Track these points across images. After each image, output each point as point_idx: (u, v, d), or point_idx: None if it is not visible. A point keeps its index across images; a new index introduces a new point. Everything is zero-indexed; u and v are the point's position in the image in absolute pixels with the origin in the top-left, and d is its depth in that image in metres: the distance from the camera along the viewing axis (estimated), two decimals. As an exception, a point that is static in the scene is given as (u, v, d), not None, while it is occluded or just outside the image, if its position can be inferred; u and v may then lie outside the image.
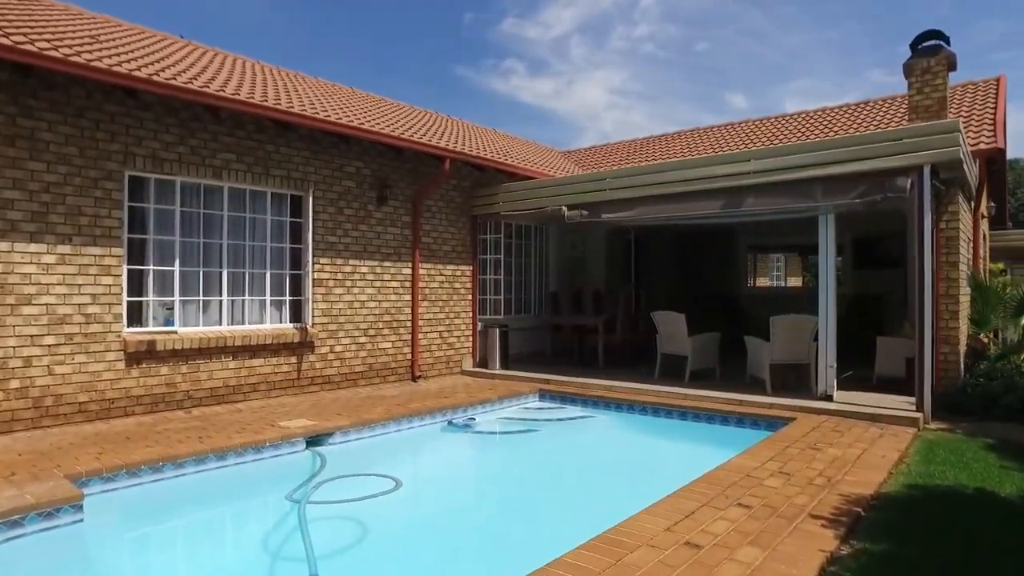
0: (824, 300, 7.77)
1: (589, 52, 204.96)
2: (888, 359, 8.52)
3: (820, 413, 7.28)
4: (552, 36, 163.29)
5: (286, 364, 8.42)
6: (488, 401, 8.44)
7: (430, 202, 10.39)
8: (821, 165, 7.52)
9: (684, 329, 9.21)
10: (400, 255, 9.90)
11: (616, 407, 8.43)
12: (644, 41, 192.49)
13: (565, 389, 9.13)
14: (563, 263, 13.40)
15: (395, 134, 8.98)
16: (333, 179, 8.97)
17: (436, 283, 10.52)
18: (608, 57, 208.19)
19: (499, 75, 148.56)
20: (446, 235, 10.68)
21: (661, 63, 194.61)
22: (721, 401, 7.93)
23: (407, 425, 7.33)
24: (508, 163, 10.91)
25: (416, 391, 9.07)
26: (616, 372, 10.15)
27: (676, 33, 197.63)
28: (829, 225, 7.76)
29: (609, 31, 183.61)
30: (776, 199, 7.89)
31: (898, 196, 7.08)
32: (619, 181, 9.18)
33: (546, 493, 5.73)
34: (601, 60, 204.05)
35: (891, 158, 7.08)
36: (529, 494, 5.74)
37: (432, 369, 10.48)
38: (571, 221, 9.68)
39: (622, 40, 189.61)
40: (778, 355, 8.29)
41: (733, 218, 8.93)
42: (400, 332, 9.92)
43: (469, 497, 5.73)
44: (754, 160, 7.98)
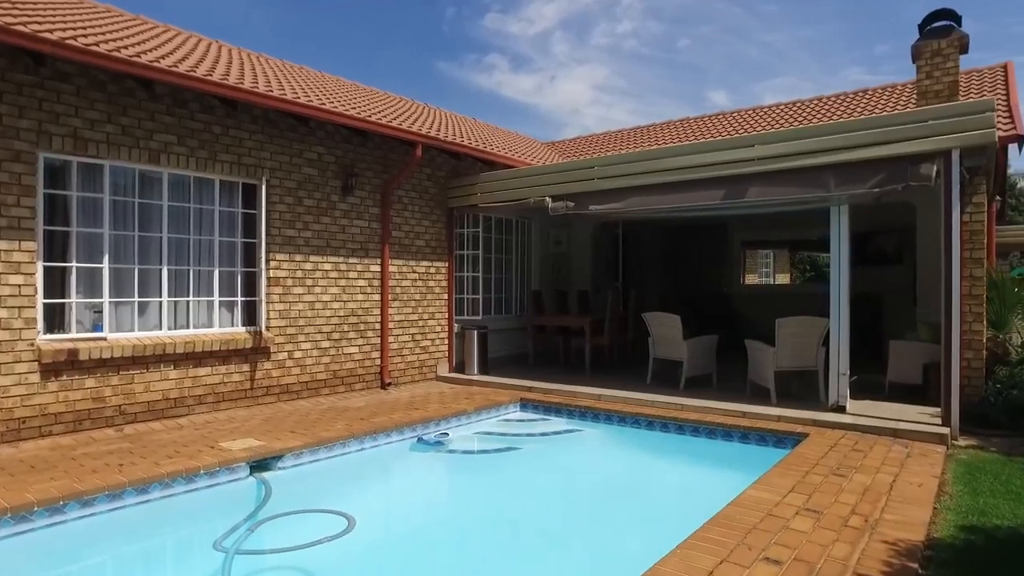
0: (836, 300, 7.01)
1: (571, 48, 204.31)
2: (902, 364, 7.78)
3: (835, 427, 6.52)
4: (534, 32, 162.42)
5: (237, 373, 7.50)
6: (463, 413, 7.59)
7: (401, 193, 9.51)
8: (834, 151, 6.75)
9: (679, 332, 8.42)
10: (368, 250, 9.01)
11: (606, 419, 7.61)
12: (627, 38, 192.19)
13: (549, 398, 8.30)
14: (547, 259, 12.57)
15: (359, 116, 8.07)
16: (291, 166, 8.05)
17: (408, 281, 9.64)
18: (590, 53, 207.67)
19: (481, 70, 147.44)
20: (419, 229, 9.80)
21: (643, 60, 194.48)
22: (723, 413, 7.14)
23: (370, 443, 6.46)
24: (487, 151, 10.05)
25: (384, 401, 8.20)
26: (604, 378, 9.34)
27: (658, 30, 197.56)
28: (842, 217, 6.99)
29: (591, 27, 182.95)
30: (783, 188, 7.10)
31: (921, 185, 6.32)
32: (609, 169, 8.35)
33: (528, 532, 4.89)
34: (584, 56, 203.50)
35: (915, 142, 6.31)
36: (508, 534, 4.90)
37: (404, 375, 9.61)
38: (556, 213, 8.85)
39: (605, 36, 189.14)
40: (784, 361, 7.52)
41: (735, 210, 8.16)
42: (368, 335, 9.03)
43: (436, 537, 4.88)
44: (759, 145, 7.19)
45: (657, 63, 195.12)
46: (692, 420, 7.00)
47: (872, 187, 6.56)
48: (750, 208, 7.93)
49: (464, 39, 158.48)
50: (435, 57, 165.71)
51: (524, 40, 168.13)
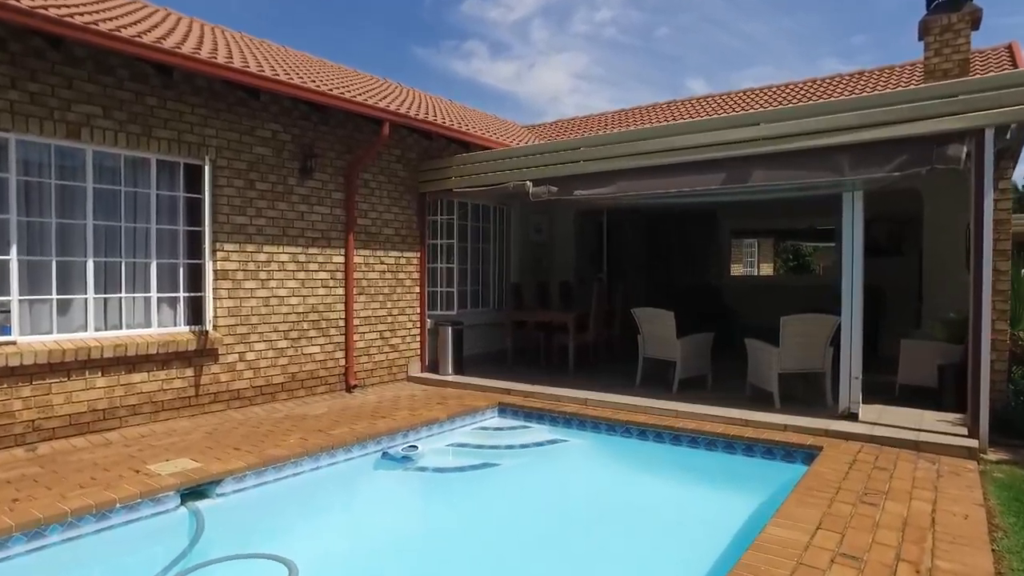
0: (848, 296, 6.32)
1: (551, 35, 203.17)
2: (915, 366, 7.14)
3: (849, 439, 5.84)
4: (514, 18, 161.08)
5: (180, 378, 6.64)
6: (435, 421, 6.80)
7: (367, 176, 8.65)
8: (849, 130, 6.03)
9: (673, 330, 7.70)
10: (330, 240, 8.16)
11: (593, 427, 6.87)
12: (606, 25, 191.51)
13: (530, 403, 7.55)
14: (527, 249, 11.79)
15: (316, 88, 7.19)
16: (242, 145, 7.16)
17: (376, 273, 8.80)
18: (570, 41, 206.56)
19: (460, 57, 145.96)
20: (388, 216, 8.96)
21: (623, 48, 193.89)
22: (723, 421, 6.45)
23: (327, 461, 5.66)
24: (462, 130, 9.21)
25: (348, 407, 7.38)
26: (590, 378, 8.61)
27: (638, 18, 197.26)
28: (856, 205, 6.29)
29: (571, 14, 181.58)
30: (791, 172, 6.38)
31: (949, 168, 5.63)
32: (596, 151, 7.57)
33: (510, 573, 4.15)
34: (563, 44, 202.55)
35: (943, 120, 5.61)
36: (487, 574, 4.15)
37: (371, 376, 8.79)
38: (538, 199, 8.06)
39: (584, 24, 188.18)
40: (789, 362, 6.83)
41: (735, 196, 7.43)
42: (331, 333, 8.19)
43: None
44: (765, 123, 6.45)
45: (636, 51, 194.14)
46: (689, 429, 6.28)
47: (892, 171, 5.86)
48: (753, 194, 7.22)
49: (443, 25, 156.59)
50: (413, 43, 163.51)
51: (503, 27, 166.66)
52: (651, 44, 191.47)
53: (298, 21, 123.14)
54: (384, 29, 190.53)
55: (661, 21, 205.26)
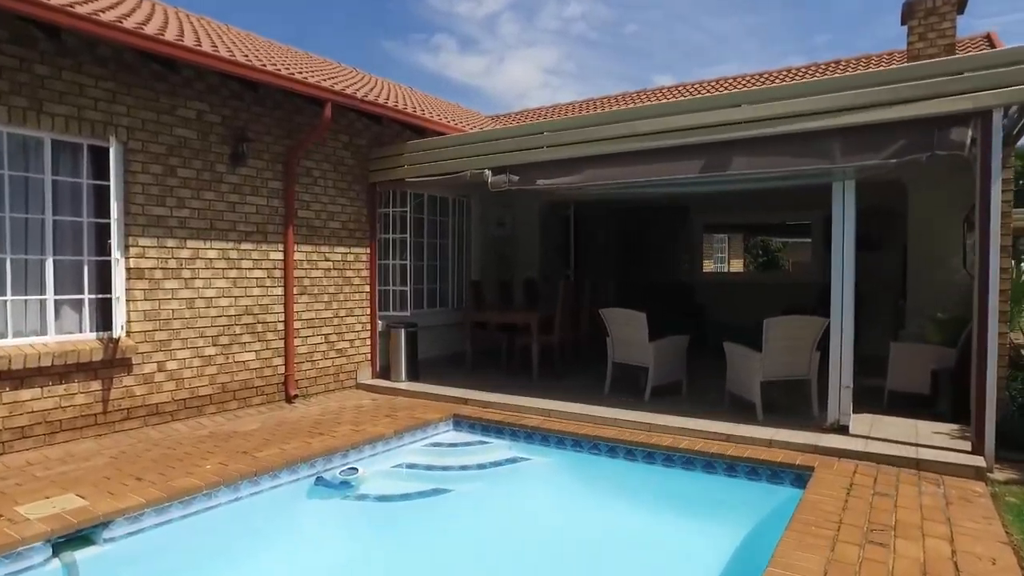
0: (839, 296, 5.71)
1: (520, 30, 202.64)
2: (906, 371, 6.59)
3: (841, 455, 5.23)
4: (483, 13, 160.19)
5: (83, 393, 5.77)
6: (380, 438, 6.04)
7: (310, 164, 7.82)
8: (840, 112, 5.41)
9: (644, 333, 7.03)
10: (266, 234, 7.32)
11: (557, 443, 6.18)
12: (575, 21, 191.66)
13: (488, 414, 6.82)
14: (488, 244, 11.05)
15: (243, 62, 6.34)
16: (160, 126, 6.29)
17: (320, 271, 7.99)
18: (539, 36, 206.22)
19: (428, 50, 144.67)
20: (334, 208, 8.14)
21: (592, 43, 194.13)
22: (701, 436, 5.80)
23: (249, 490, 4.86)
24: (414, 114, 8.42)
25: (285, 421, 6.57)
26: (555, 385, 7.92)
27: (607, 14, 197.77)
28: (848, 195, 5.68)
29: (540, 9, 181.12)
30: (776, 159, 5.74)
31: (952, 154, 5.04)
32: (561, 135, 6.86)
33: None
34: (532, 39, 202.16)
35: (946, 100, 5.01)
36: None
37: (316, 384, 7.98)
38: (497, 189, 7.32)
39: (553, 19, 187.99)
40: (773, 369, 6.21)
41: (713, 185, 6.79)
42: (268, 338, 7.37)
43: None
44: (747, 105, 5.80)
45: (605, 47, 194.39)
46: (664, 446, 5.61)
47: (888, 158, 5.25)
48: (732, 183, 6.58)
49: (410, 18, 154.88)
50: (380, 35, 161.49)
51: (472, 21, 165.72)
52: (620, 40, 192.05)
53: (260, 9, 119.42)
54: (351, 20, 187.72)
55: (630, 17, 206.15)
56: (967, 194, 7.57)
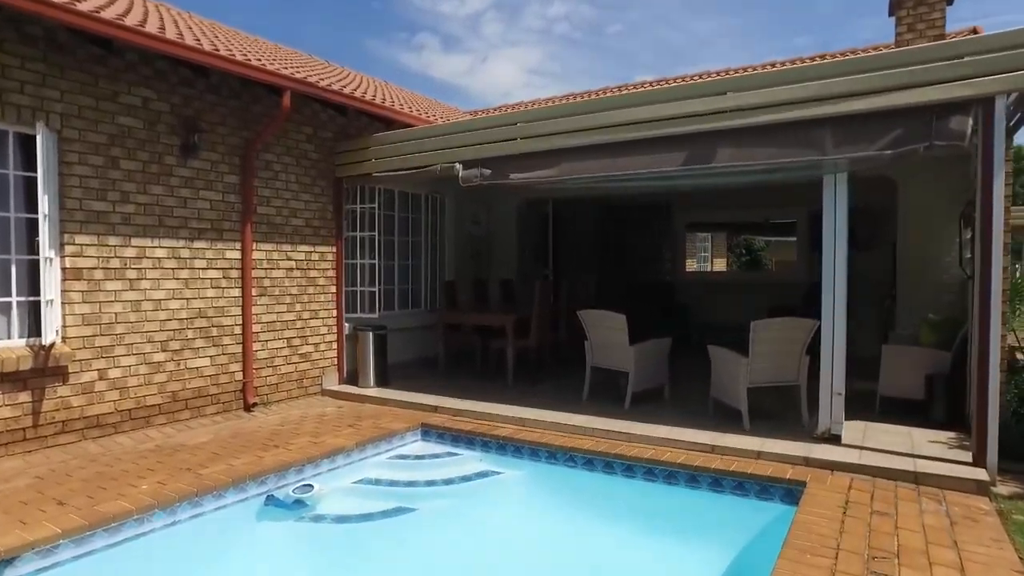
0: (830, 297, 5.36)
1: (503, 29, 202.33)
2: (898, 375, 6.26)
3: (834, 468, 4.87)
4: (466, 12, 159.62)
5: (9, 406, 5.26)
6: (341, 451, 5.60)
7: (270, 157, 7.35)
8: (832, 99, 5.05)
9: (624, 336, 6.65)
10: (222, 232, 6.85)
11: (532, 454, 5.77)
12: (559, 21, 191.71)
13: (458, 423, 6.40)
14: (464, 243, 10.61)
15: (190, 44, 5.85)
16: (99, 113, 5.80)
17: (281, 271, 7.52)
18: (522, 35, 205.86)
19: (411, 49, 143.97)
20: (296, 204, 7.67)
21: (575, 43, 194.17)
22: (684, 446, 5.42)
23: (189, 512, 4.40)
24: (381, 105, 7.97)
25: (240, 432, 6.11)
26: (531, 391, 7.52)
27: (590, 14, 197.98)
28: (840, 189, 5.32)
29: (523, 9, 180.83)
30: (763, 150, 5.37)
31: (951, 145, 4.70)
32: (536, 126, 6.45)
33: None
34: (515, 38, 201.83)
35: (945, 86, 4.66)
36: None
37: (278, 391, 7.51)
38: (468, 184, 6.90)
39: (536, 19, 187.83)
40: (760, 374, 5.84)
41: (697, 179, 6.40)
42: (224, 343, 6.89)
43: None
44: (732, 93, 5.43)
45: (588, 47, 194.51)
46: (645, 459, 5.22)
47: (883, 149, 4.90)
48: (717, 177, 6.20)
49: (394, 17, 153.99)
50: (363, 34, 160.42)
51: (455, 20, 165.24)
52: (602, 40, 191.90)
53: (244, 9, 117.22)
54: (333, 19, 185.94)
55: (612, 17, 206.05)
56: (961, 189, 7.31)
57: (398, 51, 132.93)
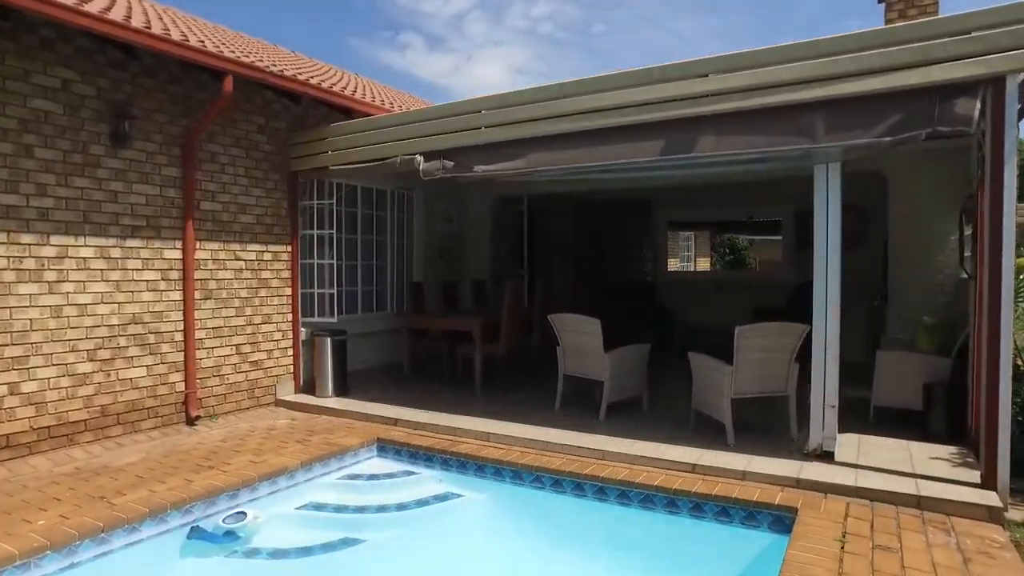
0: (822, 300, 4.88)
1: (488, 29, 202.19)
2: (894, 383, 5.79)
3: (828, 491, 4.38)
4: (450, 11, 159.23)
5: (-98, 425, 4.65)
6: (283, 472, 5.03)
7: (216, 149, 6.76)
8: (824, 81, 4.55)
9: (599, 341, 6.13)
10: (159, 229, 6.25)
11: (495, 474, 5.23)
12: (543, 20, 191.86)
13: (418, 438, 5.85)
14: (434, 242, 10.05)
15: (112, 19, 5.22)
16: (7, 95, 5.17)
17: (229, 272, 6.93)
18: (506, 35, 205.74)
19: (395, 48, 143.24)
20: (246, 200, 7.08)
21: (559, 43, 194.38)
22: (663, 466, 4.90)
23: (93, 551, 3.82)
24: (338, 93, 7.39)
25: (175, 451, 5.52)
26: (500, 401, 6.99)
27: (574, 14, 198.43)
28: (832, 180, 4.83)
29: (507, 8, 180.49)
30: (748, 138, 4.86)
31: (956, 131, 4.21)
32: (502, 113, 5.92)
33: None
34: (500, 38, 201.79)
35: (950, 65, 4.18)
36: None
37: (226, 402, 6.92)
38: (430, 177, 6.35)
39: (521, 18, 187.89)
40: (745, 385, 5.34)
41: (677, 169, 5.90)
42: (162, 350, 6.29)
43: None
44: (714, 75, 4.92)
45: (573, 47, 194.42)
46: (619, 480, 4.69)
47: (881, 135, 4.41)
48: (698, 167, 5.70)
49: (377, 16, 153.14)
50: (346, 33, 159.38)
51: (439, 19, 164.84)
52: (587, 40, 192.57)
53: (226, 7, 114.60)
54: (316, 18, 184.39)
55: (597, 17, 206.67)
56: (956, 183, 6.87)
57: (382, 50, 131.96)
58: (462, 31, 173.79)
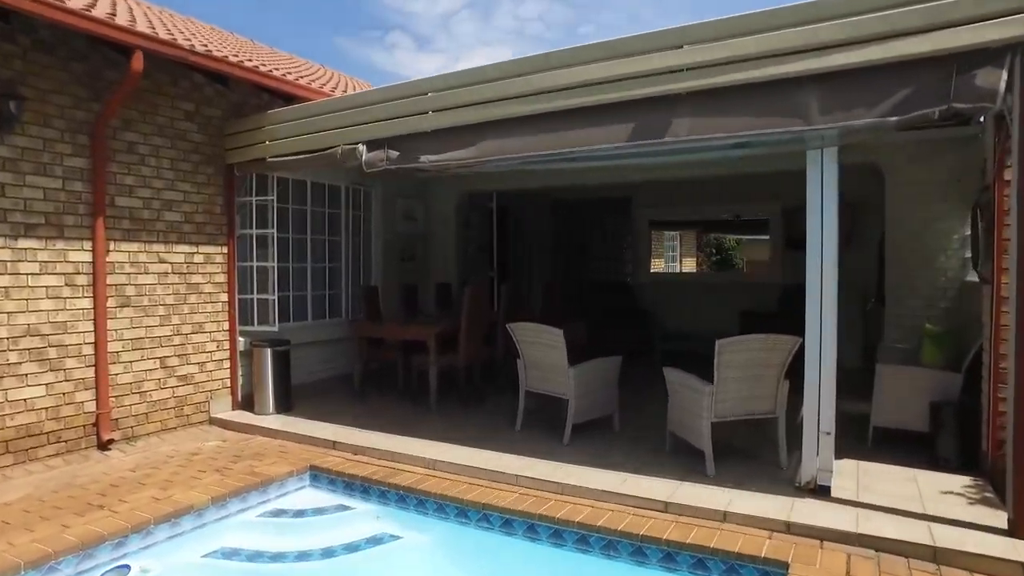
0: (816, 306, 4.18)
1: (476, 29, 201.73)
2: (897, 401, 5.10)
3: (824, 538, 3.67)
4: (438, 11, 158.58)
5: None
6: (190, 510, 4.28)
7: (134, 138, 5.99)
8: (818, 51, 3.84)
9: (562, 354, 5.39)
10: (63, 228, 5.47)
11: (438, 510, 4.50)
12: (532, 21, 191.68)
13: (356, 466, 5.11)
14: (395, 242, 9.29)
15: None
16: None
17: (152, 277, 6.16)
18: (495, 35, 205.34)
19: (384, 48, 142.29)
20: (172, 195, 6.31)
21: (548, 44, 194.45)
22: (631, 503, 4.19)
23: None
24: (271, 75, 6.62)
25: (72, 483, 4.75)
26: (457, 419, 6.28)
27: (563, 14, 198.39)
28: (828, 168, 4.14)
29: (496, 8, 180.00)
30: (729, 119, 4.15)
31: (977, 107, 3.52)
32: (450, 96, 5.18)
33: None
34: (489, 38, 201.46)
35: (971, 28, 3.48)
36: None
37: (148, 422, 6.15)
38: (373, 169, 5.61)
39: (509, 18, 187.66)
40: (728, 406, 4.63)
41: (651, 157, 5.20)
42: (67, 366, 5.51)
43: None
44: (691, 46, 4.20)
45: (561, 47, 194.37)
46: (578, 522, 3.97)
47: (885, 114, 3.70)
48: (673, 154, 4.99)
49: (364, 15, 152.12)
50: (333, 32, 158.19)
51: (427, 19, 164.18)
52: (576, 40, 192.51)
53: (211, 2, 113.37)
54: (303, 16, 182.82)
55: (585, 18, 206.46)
56: (963, 176, 6.20)
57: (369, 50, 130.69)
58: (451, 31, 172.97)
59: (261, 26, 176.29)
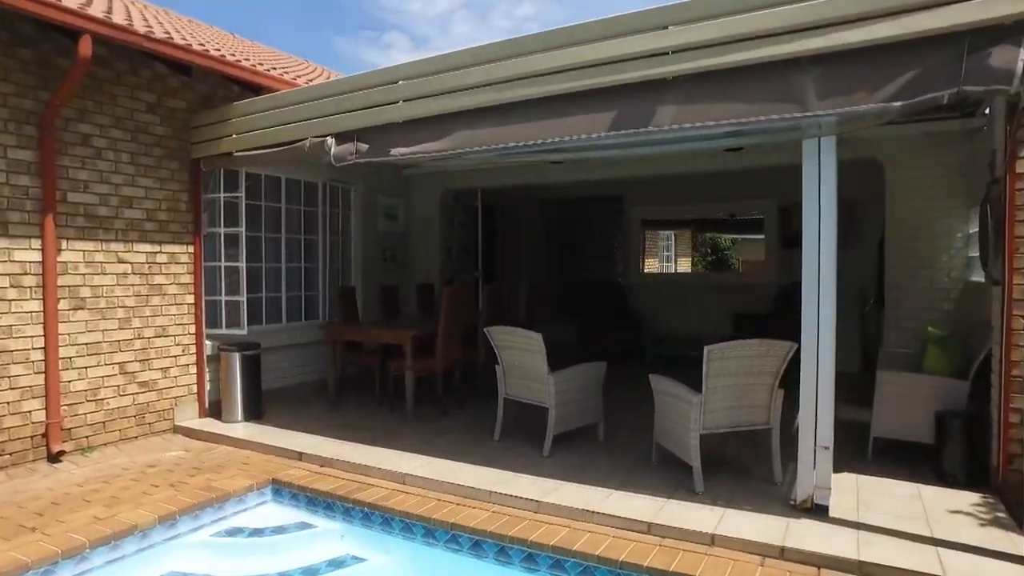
0: (813, 307, 3.84)
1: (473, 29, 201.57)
2: (899, 410, 4.76)
3: (823, 565, 3.33)
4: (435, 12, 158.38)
5: None
6: (133, 531, 3.93)
7: (89, 130, 5.63)
8: (815, 30, 3.50)
9: (542, 360, 5.05)
10: (6, 226, 5.10)
11: (404, 530, 4.15)
12: (528, 21, 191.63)
13: (321, 480, 4.76)
14: (376, 242, 8.94)
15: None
16: None
17: (110, 278, 5.80)
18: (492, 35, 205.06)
19: (380, 48, 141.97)
20: (132, 191, 5.96)
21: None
22: (612, 523, 3.85)
23: None
24: (235, 63, 6.25)
25: (7, 503, 4.39)
26: (434, 428, 5.93)
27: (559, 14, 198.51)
28: (826, 159, 3.80)
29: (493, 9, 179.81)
30: (718, 106, 3.80)
31: (990, 90, 3.18)
32: (423, 84, 4.84)
33: None
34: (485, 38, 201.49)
35: (976, 4, 3.14)
36: None
37: (106, 431, 5.79)
38: (342, 163, 5.26)
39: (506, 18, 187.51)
40: (718, 417, 4.29)
41: (634, 148, 4.85)
42: (11, 372, 5.15)
43: None
44: (677, 27, 3.86)
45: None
46: (552, 546, 3.62)
47: (889, 99, 3.36)
48: (660, 144, 4.64)
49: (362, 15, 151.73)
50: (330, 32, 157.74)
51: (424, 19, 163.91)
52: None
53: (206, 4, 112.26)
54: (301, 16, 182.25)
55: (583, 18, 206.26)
56: (968, 171, 5.88)
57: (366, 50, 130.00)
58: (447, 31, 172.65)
59: (261, 27, 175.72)
